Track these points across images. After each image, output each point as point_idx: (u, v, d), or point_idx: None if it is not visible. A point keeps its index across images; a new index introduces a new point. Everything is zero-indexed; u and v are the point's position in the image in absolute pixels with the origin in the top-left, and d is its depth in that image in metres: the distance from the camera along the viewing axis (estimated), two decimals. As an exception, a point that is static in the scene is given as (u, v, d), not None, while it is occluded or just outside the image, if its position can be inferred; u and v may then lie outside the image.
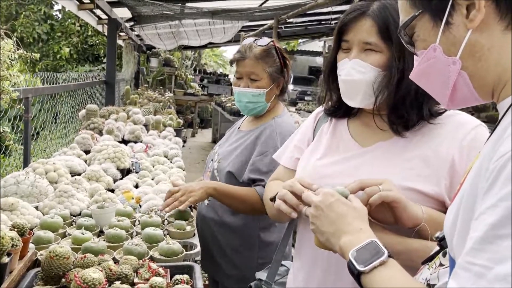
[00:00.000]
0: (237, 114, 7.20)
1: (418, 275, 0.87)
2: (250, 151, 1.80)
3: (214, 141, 10.57)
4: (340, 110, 1.23)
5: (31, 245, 1.35)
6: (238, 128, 2.00)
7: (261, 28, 9.13)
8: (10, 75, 1.70)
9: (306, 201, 0.97)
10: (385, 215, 0.99)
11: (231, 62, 1.90)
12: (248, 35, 9.41)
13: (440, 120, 1.08)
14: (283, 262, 1.43)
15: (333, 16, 9.89)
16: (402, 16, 0.81)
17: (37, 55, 2.12)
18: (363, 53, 1.08)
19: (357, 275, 0.82)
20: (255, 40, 1.83)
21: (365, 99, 1.10)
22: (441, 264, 0.82)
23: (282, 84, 1.87)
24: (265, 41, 1.81)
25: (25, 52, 1.94)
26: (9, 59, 1.76)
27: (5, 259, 1.11)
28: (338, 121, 1.25)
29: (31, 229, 1.45)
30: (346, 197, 0.94)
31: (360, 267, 0.81)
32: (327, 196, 0.92)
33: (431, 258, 0.86)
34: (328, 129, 1.25)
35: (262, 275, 1.42)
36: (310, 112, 9.68)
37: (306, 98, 16.10)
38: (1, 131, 1.87)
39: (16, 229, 1.23)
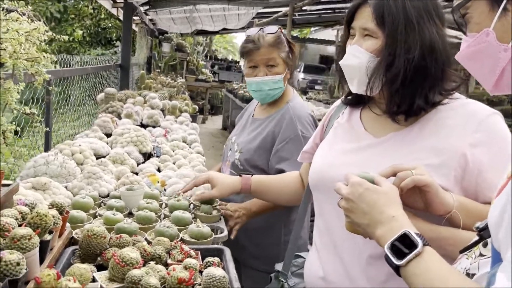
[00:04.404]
0: (249, 101, 7.17)
1: (457, 264, 0.88)
2: (271, 139, 1.85)
3: (225, 128, 10.59)
4: (352, 98, 1.26)
5: (66, 224, 1.38)
6: (252, 116, 2.03)
7: (275, 15, 9.07)
8: (44, 57, 1.72)
9: (338, 193, 0.98)
10: (416, 200, 0.99)
11: (243, 54, 1.92)
12: (261, 21, 9.35)
13: (452, 110, 1.08)
14: (300, 254, 1.47)
15: (348, 5, 9.74)
16: None
17: (66, 37, 2.13)
18: (362, 39, 1.11)
19: (395, 268, 0.83)
20: (260, 29, 1.88)
21: (361, 84, 1.12)
22: (481, 254, 0.83)
23: (291, 68, 1.93)
24: (273, 28, 1.87)
25: (54, 34, 1.95)
26: (39, 40, 1.78)
27: (47, 237, 1.15)
28: (352, 112, 1.28)
29: (65, 209, 1.49)
30: (373, 181, 0.94)
31: (397, 262, 0.82)
32: (356, 187, 0.94)
33: (469, 248, 0.87)
34: (343, 120, 1.28)
35: (280, 266, 1.46)
36: (320, 101, 9.63)
37: (316, 87, 16.00)
38: (29, 112, 1.89)
39: (55, 208, 1.27)
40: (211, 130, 10.54)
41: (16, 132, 1.52)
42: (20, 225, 1.10)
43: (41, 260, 1.11)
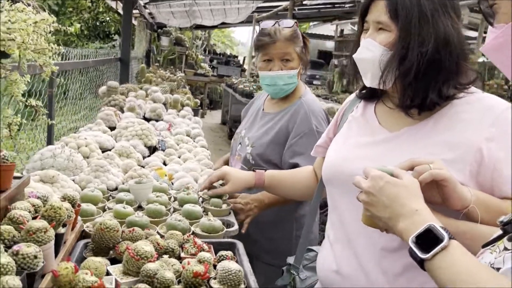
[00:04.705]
0: (249, 96, 7.16)
1: (479, 258, 0.88)
2: (285, 134, 1.83)
3: (224, 122, 10.56)
4: (366, 92, 1.25)
5: (78, 217, 1.37)
6: (262, 110, 2.00)
7: (275, 10, 9.03)
8: (52, 48, 1.69)
9: (357, 186, 0.97)
10: (433, 195, 0.98)
11: (258, 47, 1.88)
12: (261, 16, 9.30)
13: (468, 104, 1.07)
14: (312, 247, 1.46)
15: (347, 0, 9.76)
16: None
17: (71, 29, 2.10)
18: (376, 33, 1.10)
19: (419, 261, 0.83)
20: (275, 22, 1.85)
21: (374, 77, 1.11)
22: (505, 249, 0.82)
23: (305, 64, 1.91)
24: (290, 22, 1.85)
25: (60, 25, 1.92)
26: (44, 31, 1.75)
27: (61, 230, 1.13)
28: (366, 106, 1.27)
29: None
30: (391, 175, 0.93)
31: (422, 255, 0.81)
32: (376, 180, 0.93)
33: (492, 242, 0.87)
34: (357, 114, 1.27)
35: (292, 259, 1.45)
36: (319, 96, 9.61)
37: (314, 82, 15.93)
38: (34, 104, 1.87)
39: (67, 201, 1.25)
40: (210, 125, 10.51)
41: (19, 125, 1.50)
42: (34, 218, 1.08)
43: (55, 254, 1.09)
